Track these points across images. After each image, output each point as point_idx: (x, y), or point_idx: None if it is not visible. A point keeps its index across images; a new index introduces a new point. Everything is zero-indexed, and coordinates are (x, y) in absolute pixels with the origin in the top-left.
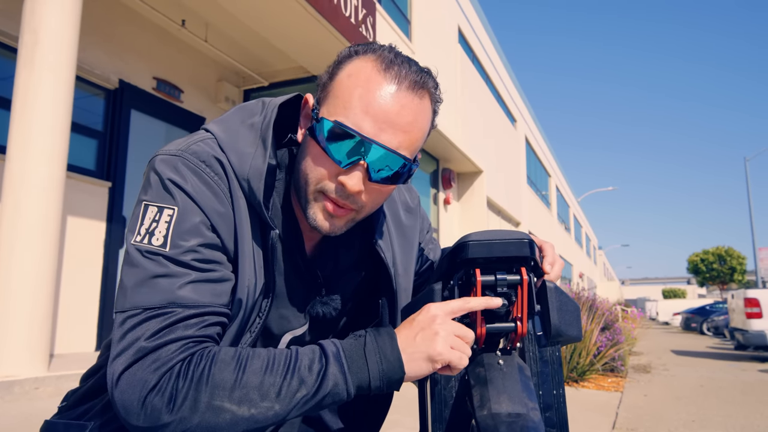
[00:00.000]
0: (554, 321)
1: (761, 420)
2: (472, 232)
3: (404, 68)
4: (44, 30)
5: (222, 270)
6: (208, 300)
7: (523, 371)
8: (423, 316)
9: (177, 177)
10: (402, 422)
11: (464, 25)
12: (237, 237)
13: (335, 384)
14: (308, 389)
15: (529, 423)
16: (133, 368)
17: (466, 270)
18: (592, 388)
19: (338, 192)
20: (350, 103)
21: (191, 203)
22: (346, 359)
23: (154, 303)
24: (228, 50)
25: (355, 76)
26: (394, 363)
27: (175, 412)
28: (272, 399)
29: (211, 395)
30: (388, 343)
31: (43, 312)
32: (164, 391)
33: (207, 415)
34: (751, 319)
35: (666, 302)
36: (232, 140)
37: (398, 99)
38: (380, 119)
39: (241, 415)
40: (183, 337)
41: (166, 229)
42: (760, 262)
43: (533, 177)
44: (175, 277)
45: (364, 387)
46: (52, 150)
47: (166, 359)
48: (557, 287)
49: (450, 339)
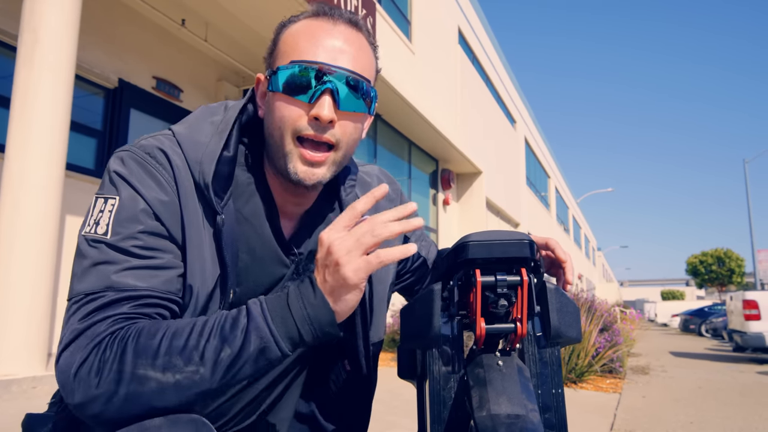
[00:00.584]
0: (554, 322)
1: (759, 422)
2: (473, 232)
3: (336, 11)
4: (44, 29)
5: (165, 257)
6: (147, 285)
7: (522, 372)
8: (320, 254)
9: (122, 169)
10: (399, 423)
11: (464, 25)
12: (184, 225)
13: (260, 338)
14: (233, 348)
15: (528, 424)
16: (69, 348)
17: (466, 270)
18: (591, 389)
19: (313, 127)
20: (297, 45)
21: (133, 192)
22: (269, 311)
23: (92, 288)
24: (228, 50)
25: (295, 30)
26: (319, 305)
27: (101, 384)
28: (196, 362)
29: (134, 365)
30: (309, 289)
31: (42, 311)
32: (92, 365)
33: (132, 385)
34: (750, 321)
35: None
36: (190, 133)
37: (339, 32)
38: (329, 48)
39: (166, 382)
40: (113, 314)
41: (109, 218)
42: (758, 264)
43: (532, 178)
44: (114, 263)
45: (294, 337)
46: (51, 149)
47: (95, 335)
48: (557, 288)
49: (353, 259)
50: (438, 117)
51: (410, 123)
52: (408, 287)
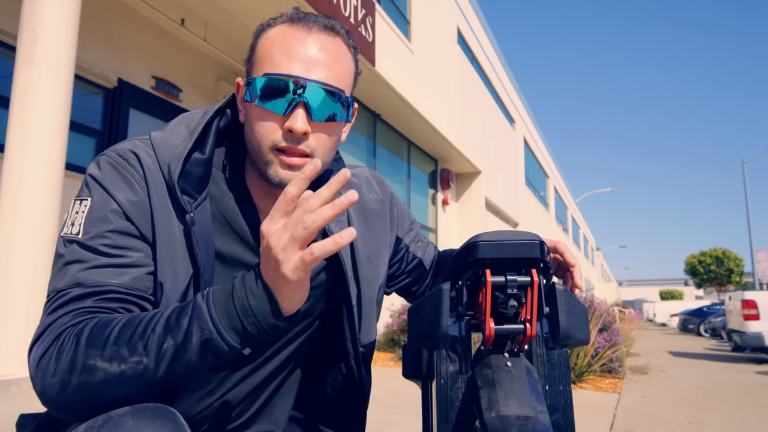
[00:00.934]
0: (563, 324)
1: (758, 422)
2: (482, 232)
3: (311, 18)
4: (43, 29)
5: (135, 255)
6: (114, 281)
7: (531, 374)
8: (262, 247)
9: (96, 172)
10: (400, 423)
11: (463, 25)
12: (154, 225)
13: (202, 329)
14: (176, 339)
15: (539, 426)
16: (37, 342)
17: (476, 270)
18: (590, 389)
19: (288, 140)
20: (272, 56)
21: (104, 193)
22: (213, 303)
23: (62, 286)
24: (227, 49)
25: (270, 37)
26: (261, 296)
27: (56, 374)
28: (140, 353)
29: (85, 355)
30: (253, 280)
31: (40, 311)
32: (51, 356)
33: (83, 375)
34: (749, 321)
35: (663, 304)
36: (164, 137)
37: (314, 41)
38: (303, 60)
39: (112, 372)
40: (75, 309)
41: (82, 218)
42: (757, 264)
43: (531, 178)
44: (83, 261)
45: (238, 329)
46: (50, 149)
47: (57, 327)
48: (566, 290)
49: (290, 256)
50: (437, 117)
51: (409, 123)
52: (404, 288)
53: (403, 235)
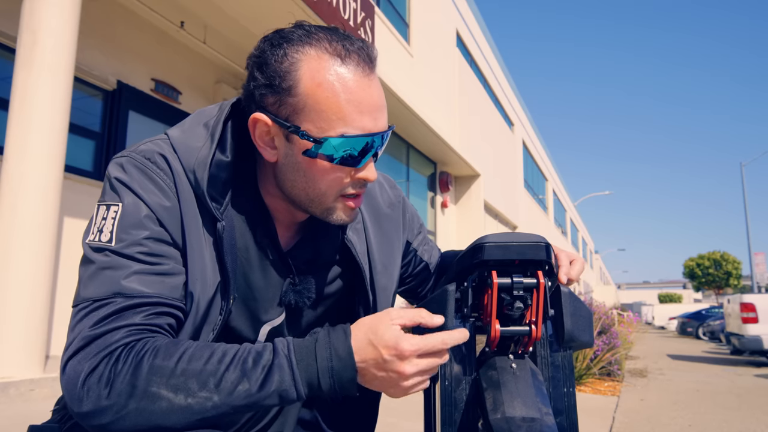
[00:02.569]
0: (568, 326)
1: (757, 425)
2: (489, 234)
3: (353, 50)
4: (43, 30)
5: (171, 263)
6: (155, 291)
7: (536, 376)
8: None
9: (123, 176)
10: (399, 426)
11: (462, 29)
12: (184, 231)
13: (281, 380)
14: (251, 383)
15: (544, 428)
16: (78, 356)
17: (481, 272)
18: (589, 392)
19: (357, 187)
20: (342, 111)
21: (136, 199)
22: (295, 355)
23: (100, 294)
24: (226, 52)
25: (325, 82)
26: (345, 361)
27: (111, 396)
28: (211, 389)
29: (147, 381)
30: (341, 341)
31: (40, 313)
32: (102, 375)
33: (143, 401)
34: (747, 324)
35: (662, 307)
36: (184, 138)
37: (372, 83)
38: (372, 110)
39: (177, 404)
40: (127, 324)
41: (113, 225)
42: (755, 267)
43: (530, 181)
44: (120, 269)
45: (314, 385)
46: (49, 151)
47: (108, 344)
48: (571, 292)
49: (416, 383)
50: (436, 120)
51: (408, 126)
52: (410, 290)
53: (413, 239)
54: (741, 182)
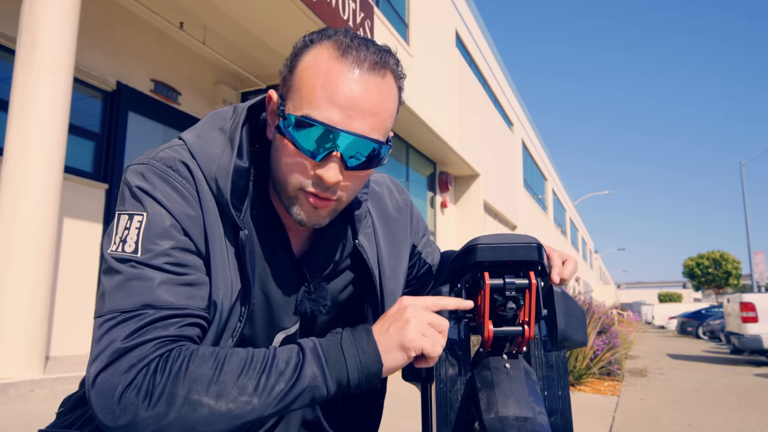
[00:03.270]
0: (561, 326)
1: (757, 425)
2: (481, 235)
3: (362, 51)
4: (43, 31)
5: (196, 273)
6: (184, 302)
7: (529, 375)
8: (395, 308)
9: (145, 184)
10: (399, 426)
11: (462, 29)
12: (208, 240)
13: (313, 377)
14: (286, 383)
15: (537, 427)
16: (110, 369)
17: (474, 273)
18: (589, 391)
19: (317, 185)
20: (314, 95)
21: (160, 208)
22: (323, 353)
23: (128, 306)
24: (226, 53)
25: (314, 66)
26: (371, 355)
27: (151, 407)
28: (250, 393)
29: (188, 390)
30: (364, 337)
31: (40, 314)
32: (140, 387)
33: (184, 410)
34: (747, 324)
35: (662, 306)
36: (201, 144)
37: (361, 83)
38: (347, 107)
39: (218, 410)
40: (159, 336)
41: (137, 235)
42: (755, 266)
43: (530, 180)
44: (148, 280)
45: (343, 382)
46: (49, 151)
47: (142, 356)
48: (564, 292)
49: (422, 327)
50: (436, 120)
51: (408, 126)
52: (412, 293)
53: (418, 242)
54: (741, 182)
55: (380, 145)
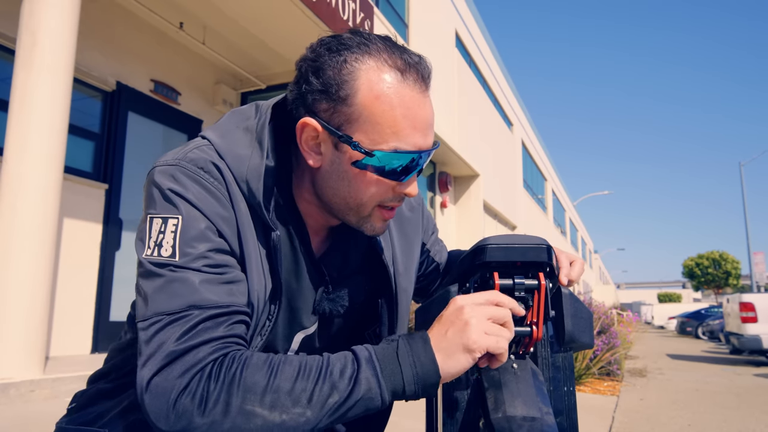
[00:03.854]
0: (568, 327)
1: (756, 424)
2: (491, 235)
3: (412, 64)
4: (42, 31)
5: (234, 271)
6: (227, 300)
7: (536, 376)
8: (450, 310)
9: (177, 186)
10: (401, 424)
11: (461, 29)
12: (241, 241)
13: (368, 389)
14: (340, 394)
15: (545, 427)
16: (163, 372)
17: (483, 273)
18: (589, 391)
19: (397, 200)
20: (397, 126)
21: (195, 210)
22: (378, 363)
23: (173, 308)
24: (226, 53)
25: (383, 95)
26: (428, 366)
27: (206, 414)
28: (304, 405)
29: (243, 399)
30: (421, 346)
31: (40, 314)
32: (195, 393)
33: (238, 419)
34: (746, 324)
35: (661, 306)
36: (228, 144)
37: (427, 102)
38: (424, 127)
39: (272, 421)
40: (212, 338)
41: (173, 239)
42: (755, 266)
43: (529, 181)
44: (188, 281)
45: (398, 392)
46: (49, 152)
47: (197, 361)
48: (572, 294)
49: (483, 325)
50: (435, 120)
51: None
52: (420, 290)
53: (427, 240)
54: (740, 182)
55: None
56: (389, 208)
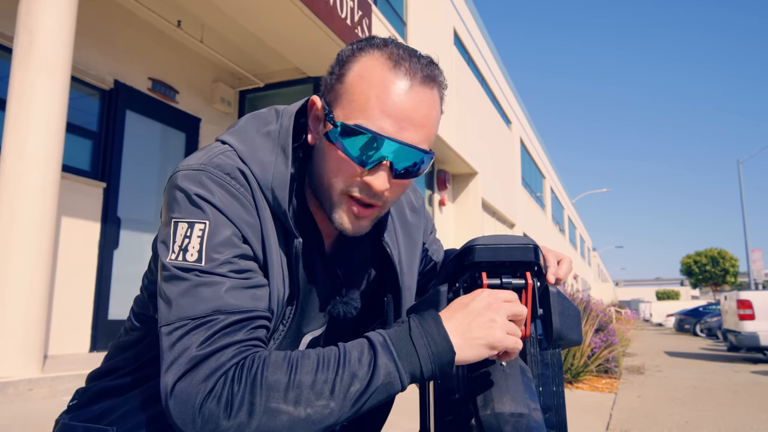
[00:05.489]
0: (556, 325)
1: (753, 421)
2: (479, 236)
3: (414, 63)
4: (40, 30)
5: (258, 277)
6: (250, 305)
7: (525, 373)
8: (477, 303)
9: (203, 191)
10: (398, 423)
11: (460, 27)
12: (265, 247)
13: (387, 373)
14: (361, 382)
15: (532, 423)
16: (187, 377)
17: (472, 273)
18: (587, 389)
19: (363, 192)
20: (367, 104)
21: (221, 216)
22: (394, 347)
23: (198, 313)
24: (224, 51)
25: (368, 76)
26: (443, 345)
27: (233, 417)
28: (327, 397)
29: (267, 398)
30: (433, 326)
31: (38, 313)
32: (220, 397)
33: (264, 418)
34: (744, 321)
35: (659, 304)
36: (251, 150)
37: (413, 95)
38: (399, 118)
39: (297, 416)
40: (234, 342)
41: (200, 244)
42: (752, 263)
43: (528, 178)
44: (214, 286)
45: (416, 374)
46: (47, 151)
47: (220, 365)
48: (560, 292)
49: (507, 325)
50: None
51: None
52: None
53: (426, 239)
54: (738, 179)
55: (426, 154)
56: (359, 202)
